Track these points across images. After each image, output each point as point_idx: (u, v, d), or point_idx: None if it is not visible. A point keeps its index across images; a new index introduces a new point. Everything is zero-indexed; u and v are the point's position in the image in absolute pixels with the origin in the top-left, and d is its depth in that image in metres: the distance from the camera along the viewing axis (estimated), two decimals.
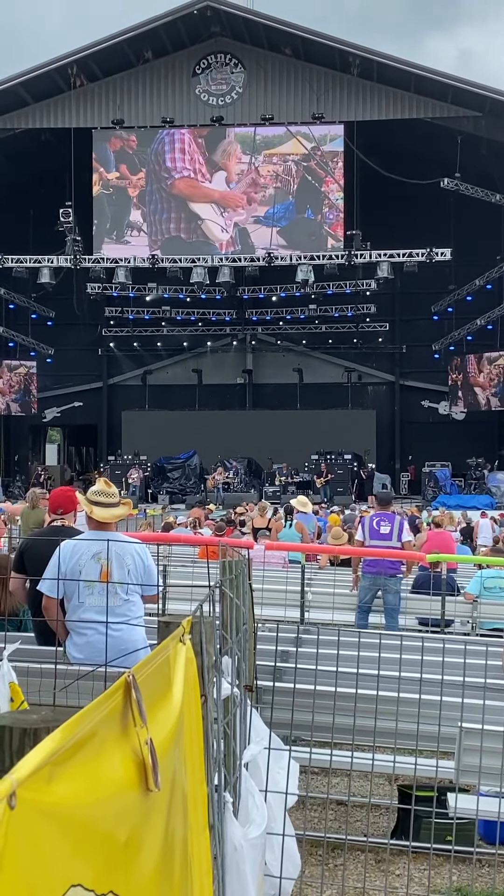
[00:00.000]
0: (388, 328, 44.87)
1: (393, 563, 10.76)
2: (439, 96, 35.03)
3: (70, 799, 1.20)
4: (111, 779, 1.36)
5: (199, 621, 2.27)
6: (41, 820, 1.12)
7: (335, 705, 4.28)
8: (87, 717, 1.28)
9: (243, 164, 38.23)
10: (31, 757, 1.12)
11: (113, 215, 38.97)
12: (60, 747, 1.17)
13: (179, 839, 1.79)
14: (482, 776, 4.42)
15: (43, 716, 1.29)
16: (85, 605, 5.59)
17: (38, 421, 46.85)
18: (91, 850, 1.26)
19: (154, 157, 38.53)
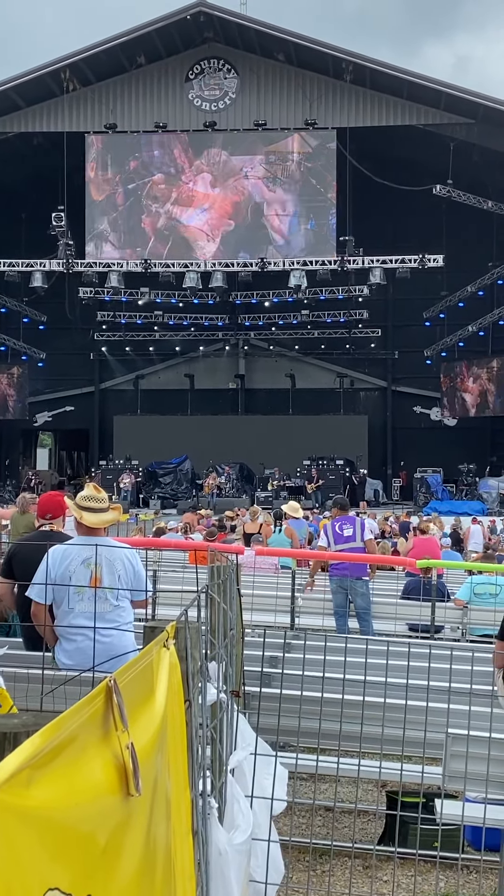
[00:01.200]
0: (380, 334, 44.94)
1: (356, 563, 10.84)
2: (432, 103, 35.13)
3: (49, 803, 1.20)
4: (91, 783, 1.37)
5: (183, 626, 2.27)
6: (19, 823, 1.12)
7: (322, 711, 4.28)
8: (67, 721, 1.29)
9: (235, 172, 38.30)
10: (10, 760, 1.12)
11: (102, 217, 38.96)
12: (40, 751, 1.17)
13: (162, 844, 1.80)
14: (469, 782, 4.43)
15: (24, 720, 1.30)
16: (75, 610, 5.57)
17: (30, 425, 46.77)
18: (70, 853, 1.27)
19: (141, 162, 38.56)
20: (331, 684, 4.35)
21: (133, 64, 37.09)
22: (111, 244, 38.77)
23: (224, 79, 37.50)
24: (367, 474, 41.93)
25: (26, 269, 37.76)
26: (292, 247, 38.06)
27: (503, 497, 36.70)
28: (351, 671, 4.38)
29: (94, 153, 38.41)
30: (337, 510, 12.19)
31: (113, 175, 38.58)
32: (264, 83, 37.21)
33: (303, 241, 38.19)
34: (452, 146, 34.79)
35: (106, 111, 37.71)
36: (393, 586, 13.38)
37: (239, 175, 38.27)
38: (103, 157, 38.52)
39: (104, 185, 38.77)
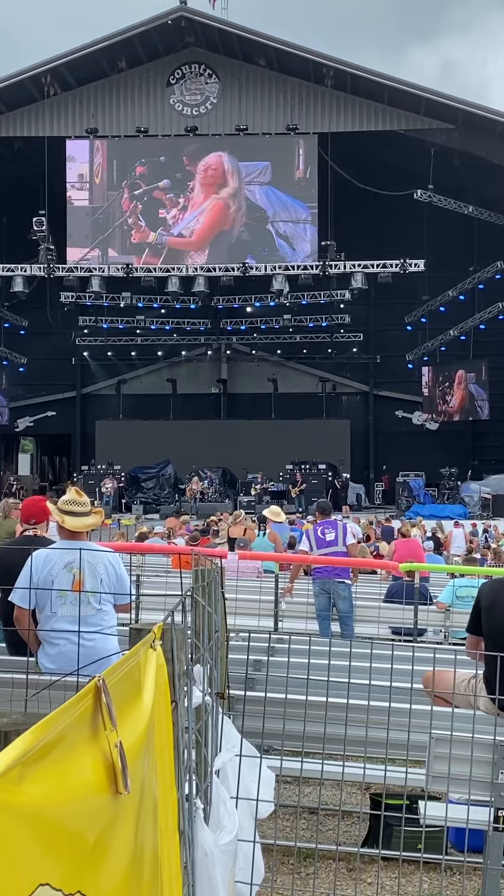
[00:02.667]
0: (362, 338, 45.06)
1: (338, 567, 10.87)
2: (413, 108, 35.27)
3: (40, 799, 1.22)
4: (81, 781, 1.38)
5: (169, 628, 2.29)
6: (10, 819, 1.14)
7: (306, 714, 4.30)
8: (57, 719, 1.30)
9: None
10: (2, 758, 1.14)
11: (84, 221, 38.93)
12: (31, 748, 1.18)
13: (149, 843, 1.81)
14: (452, 783, 4.45)
15: (13, 719, 1.31)
16: (57, 614, 5.57)
17: (11, 430, 46.63)
18: (60, 850, 1.28)
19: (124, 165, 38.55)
20: (315, 687, 4.37)
21: (114, 69, 37.09)
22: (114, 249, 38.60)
23: (205, 84, 37.55)
24: (350, 478, 42.05)
25: (7, 274, 37.68)
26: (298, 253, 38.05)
27: (485, 501, 36.84)
28: (334, 674, 4.40)
29: (99, 158, 38.30)
30: (320, 515, 12.22)
31: (118, 180, 38.48)
32: (245, 88, 37.28)
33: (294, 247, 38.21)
34: (433, 151, 34.94)
35: (87, 116, 37.68)
36: (375, 590, 13.44)
37: (234, 182, 38.27)
38: (109, 160, 38.41)
39: (107, 190, 38.64)
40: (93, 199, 38.80)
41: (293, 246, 38.13)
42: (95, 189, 38.74)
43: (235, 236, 38.41)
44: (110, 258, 38.29)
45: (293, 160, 37.65)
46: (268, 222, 38.28)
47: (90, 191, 38.78)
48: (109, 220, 38.66)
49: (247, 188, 38.30)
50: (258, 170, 38.11)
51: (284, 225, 38.21)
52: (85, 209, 38.84)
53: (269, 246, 38.16)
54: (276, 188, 38.10)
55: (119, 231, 38.76)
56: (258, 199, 38.31)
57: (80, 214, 38.74)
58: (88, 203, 38.86)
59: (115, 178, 38.54)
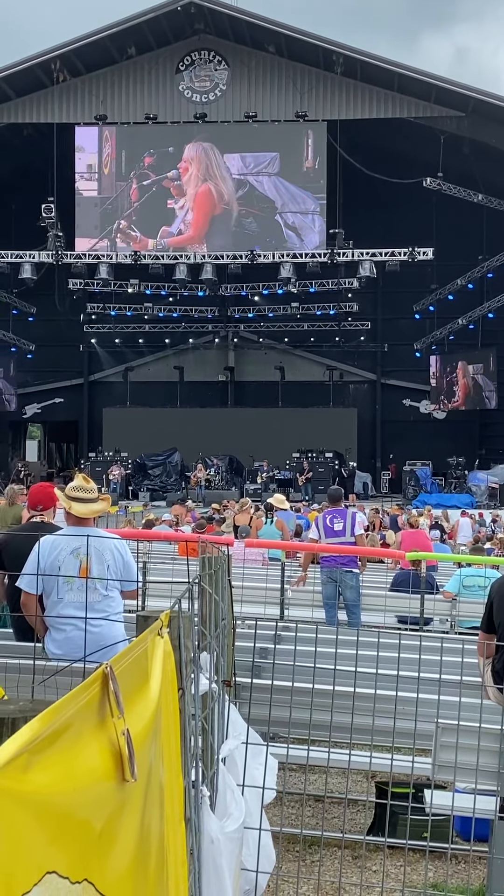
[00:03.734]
0: (369, 327, 44.94)
1: (346, 556, 10.85)
2: (423, 96, 35.12)
3: (47, 787, 1.21)
4: (88, 768, 1.38)
5: (177, 616, 2.28)
6: (17, 807, 1.13)
7: (312, 702, 4.30)
8: (64, 707, 1.30)
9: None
10: (8, 745, 1.13)
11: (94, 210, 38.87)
12: (37, 736, 1.18)
13: (155, 831, 1.81)
14: (458, 772, 4.45)
15: (20, 706, 1.31)
16: (64, 600, 5.58)
17: (19, 417, 46.67)
18: (67, 838, 1.28)
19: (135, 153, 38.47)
20: (321, 675, 4.37)
21: (123, 55, 36.98)
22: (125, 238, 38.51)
23: (214, 70, 37.42)
24: (357, 467, 42.00)
25: (15, 261, 37.65)
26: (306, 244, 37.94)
27: (492, 490, 36.79)
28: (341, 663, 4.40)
29: (108, 148, 38.21)
30: (330, 503, 12.19)
31: (127, 171, 38.40)
32: (255, 75, 37.14)
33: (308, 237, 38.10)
34: (443, 139, 34.79)
35: (96, 102, 37.59)
36: (382, 578, 13.43)
37: (217, 168, 38.18)
38: (118, 151, 38.32)
39: (116, 181, 38.54)
40: (101, 189, 38.72)
41: (301, 237, 38.05)
42: (104, 179, 38.67)
43: (234, 220, 38.32)
44: (118, 248, 38.24)
45: (302, 151, 37.52)
46: (276, 213, 38.19)
47: (99, 181, 38.71)
48: (118, 212, 38.59)
49: (255, 179, 38.18)
50: (266, 160, 37.99)
51: (293, 216, 38.12)
52: (94, 200, 38.78)
53: (278, 237, 38.09)
54: (285, 179, 37.98)
55: (127, 222, 38.69)
56: (266, 190, 38.19)
57: (88, 205, 38.67)
58: (97, 194, 38.80)
59: (123, 169, 38.45)
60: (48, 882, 1.21)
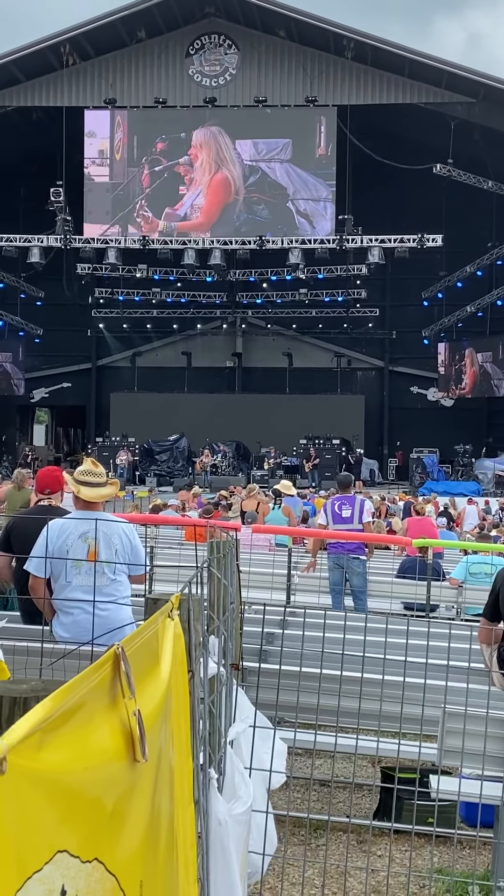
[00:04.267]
0: (378, 314, 44.81)
1: (354, 543, 10.86)
2: (434, 81, 34.94)
3: (59, 766, 1.21)
4: (99, 748, 1.38)
5: (187, 598, 2.28)
6: (30, 786, 1.13)
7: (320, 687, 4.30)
8: (76, 686, 1.30)
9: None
10: (22, 724, 1.13)
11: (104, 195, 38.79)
12: (50, 715, 1.18)
13: (165, 811, 1.81)
14: (464, 758, 4.46)
15: (32, 685, 1.31)
16: (72, 584, 5.60)
17: (26, 401, 46.71)
18: (78, 817, 1.28)
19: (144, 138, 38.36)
20: (328, 660, 4.37)
21: (133, 38, 36.83)
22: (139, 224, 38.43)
23: (224, 54, 37.26)
24: (364, 454, 41.96)
25: (24, 245, 37.62)
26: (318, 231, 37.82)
27: (499, 478, 36.76)
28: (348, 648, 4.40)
29: (120, 133, 38.09)
30: (339, 489, 12.18)
31: (139, 156, 38.29)
32: (265, 59, 36.98)
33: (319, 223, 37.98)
34: (453, 125, 34.62)
35: (106, 86, 37.47)
36: (389, 565, 13.45)
37: (229, 154, 38.06)
38: (130, 136, 38.20)
39: (128, 166, 38.43)
40: (113, 175, 38.62)
41: (313, 224, 37.95)
42: (116, 165, 38.55)
43: (244, 207, 38.21)
44: (129, 234, 38.18)
45: (314, 137, 37.37)
46: (288, 200, 38.08)
47: (110, 167, 38.60)
48: (129, 197, 38.50)
49: (267, 165, 38.05)
50: (279, 147, 37.85)
51: (305, 203, 38.00)
52: (105, 185, 38.68)
53: (289, 224, 37.97)
54: (297, 166, 37.84)
55: (139, 207, 38.60)
56: (278, 176, 38.07)
57: (100, 191, 38.59)
58: (109, 179, 38.69)
59: (135, 155, 38.35)
60: (59, 861, 1.21)
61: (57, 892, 1.20)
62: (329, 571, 10.98)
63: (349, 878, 4.84)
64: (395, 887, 4.88)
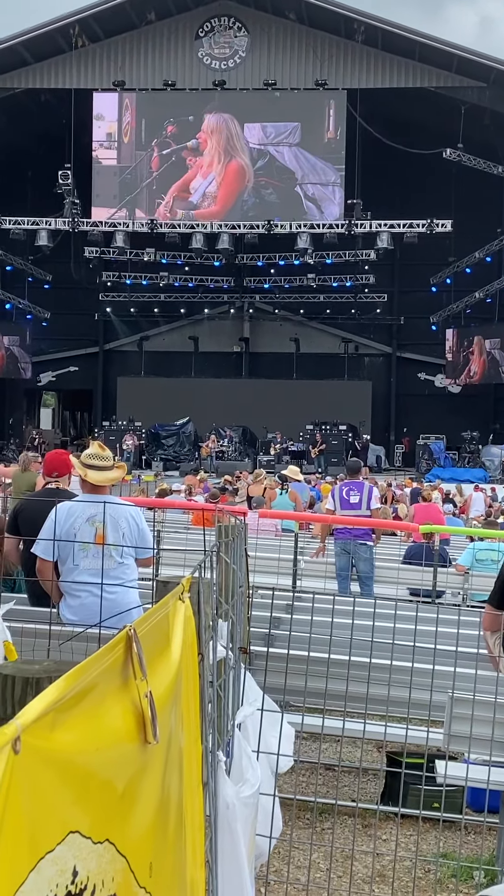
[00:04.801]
0: (386, 299, 44.70)
1: (361, 528, 10.86)
2: (444, 66, 34.76)
3: (72, 747, 1.21)
4: (111, 729, 1.37)
5: (197, 581, 2.27)
6: (43, 766, 1.13)
7: (328, 671, 4.30)
8: (89, 668, 1.29)
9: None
10: (36, 704, 1.12)
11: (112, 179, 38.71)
12: (63, 696, 1.17)
13: (175, 793, 1.81)
14: (471, 744, 4.46)
15: (45, 666, 1.30)
16: (79, 567, 5.60)
17: (33, 385, 46.72)
18: (90, 798, 1.28)
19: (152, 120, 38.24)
20: (336, 645, 4.37)
21: (143, 20, 36.68)
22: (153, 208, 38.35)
23: (234, 37, 37.10)
24: (370, 440, 41.92)
25: (32, 228, 37.57)
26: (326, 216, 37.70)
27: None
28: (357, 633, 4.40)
29: (128, 116, 37.97)
30: (347, 475, 12.18)
31: (147, 140, 38.16)
32: (275, 42, 36.82)
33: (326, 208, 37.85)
34: (464, 110, 34.47)
35: (115, 68, 37.34)
36: (395, 551, 13.45)
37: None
38: (138, 119, 38.07)
39: (135, 150, 38.31)
40: (121, 158, 38.52)
41: (321, 209, 37.82)
42: (124, 148, 38.46)
43: (253, 191, 38.10)
44: (137, 218, 38.09)
45: (323, 121, 37.20)
46: (296, 184, 37.94)
47: (118, 150, 38.50)
48: (137, 181, 38.40)
49: (275, 149, 37.91)
50: (287, 130, 37.69)
51: (313, 187, 37.88)
52: (112, 168, 38.60)
53: (297, 208, 37.85)
54: (305, 150, 37.68)
55: (147, 191, 38.49)
56: (287, 160, 37.93)
57: (108, 174, 38.51)
58: (116, 162, 38.60)
59: (143, 138, 38.22)
60: (71, 842, 1.21)
61: (69, 873, 1.19)
62: (336, 557, 11.00)
63: (355, 862, 4.85)
64: (400, 871, 4.90)
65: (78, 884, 1.23)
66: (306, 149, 37.68)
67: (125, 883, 1.40)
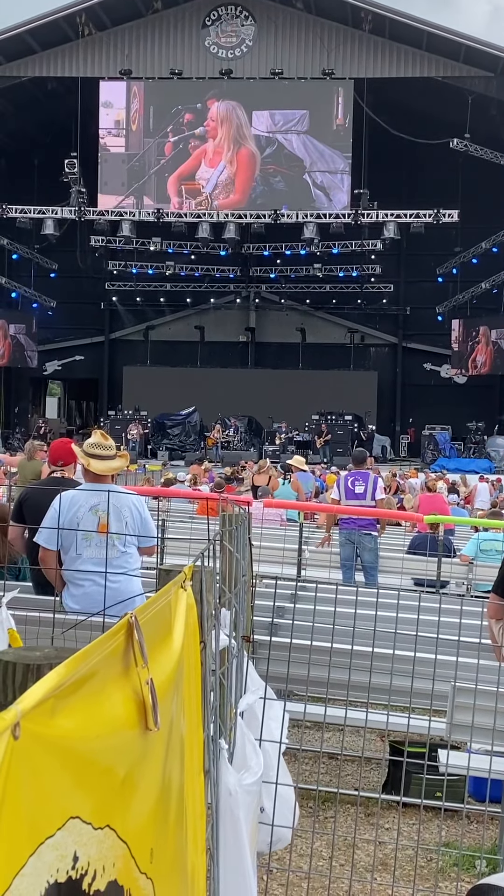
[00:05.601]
0: (392, 289, 44.61)
1: (366, 518, 10.87)
2: (451, 55, 34.62)
3: (72, 733, 1.21)
4: (112, 716, 1.38)
5: (199, 570, 2.28)
6: (43, 752, 1.13)
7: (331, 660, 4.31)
8: (89, 654, 1.30)
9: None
10: (36, 689, 1.13)
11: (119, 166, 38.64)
12: (64, 682, 1.18)
13: (176, 781, 1.82)
14: (473, 733, 4.47)
15: (46, 653, 1.31)
16: (82, 556, 5.61)
17: (39, 374, 46.73)
18: (90, 784, 1.28)
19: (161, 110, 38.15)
20: (338, 634, 4.38)
21: (149, 9, 36.58)
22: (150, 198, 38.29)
23: (241, 26, 36.96)
24: (376, 430, 41.92)
25: (38, 216, 37.53)
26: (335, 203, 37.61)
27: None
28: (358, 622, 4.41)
29: (136, 104, 37.89)
30: (353, 464, 12.20)
31: (154, 127, 38.08)
32: (282, 31, 36.68)
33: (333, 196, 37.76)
34: (471, 99, 34.34)
35: (121, 56, 37.23)
36: (400, 541, 13.46)
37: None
38: (145, 107, 37.99)
39: (143, 137, 38.23)
40: (129, 146, 38.44)
41: (330, 196, 37.73)
42: (132, 136, 38.36)
43: (262, 179, 38.03)
44: (145, 206, 38.03)
45: (332, 109, 37.06)
46: (305, 172, 37.84)
47: (126, 137, 38.41)
48: (145, 168, 38.33)
49: (283, 137, 37.81)
50: (295, 118, 37.57)
51: (321, 175, 37.78)
52: (121, 156, 38.50)
53: (306, 196, 37.76)
54: (314, 137, 37.57)
55: (156, 178, 38.42)
56: (295, 148, 37.82)
57: (115, 161, 38.41)
58: (125, 150, 38.51)
59: (151, 125, 38.14)
60: (71, 827, 1.22)
61: (69, 858, 1.20)
62: (340, 547, 11.02)
63: (357, 851, 4.87)
64: (402, 860, 4.91)
65: (78, 869, 1.24)
66: (315, 136, 37.56)
67: (126, 868, 1.41)
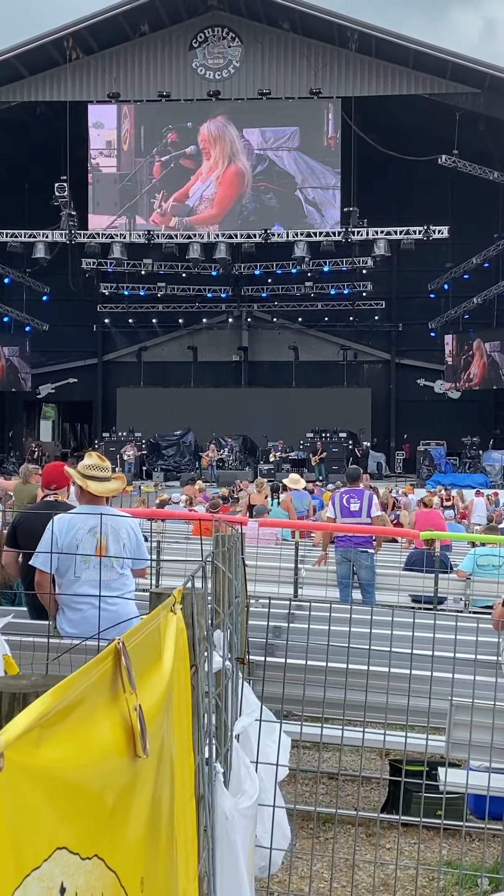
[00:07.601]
0: (384, 306, 44.73)
1: (362, 536, 10.85)
2: (438, 72, 34.81)
3: (58, 762, 1.20)
4: (99, 744, 1.37)
5: (190, 592, 2.27)
6: (28, 782, 1.12)
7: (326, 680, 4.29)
8: (76, 682, 1.29)
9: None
10: (20, 719, 1.12)
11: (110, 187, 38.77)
12: (49, 710, 1.17)
13: (166, 807, 1.80)
14: (472, 750, 4.45)
15: (32, 681, 1.30)
16: (81, 579, 5.58)
17: (33, 397, 46.73)
18: (77, 814, 1.27)
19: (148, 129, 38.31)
20: (334, 653, 4.36)
21: (137, 32, 36.77)
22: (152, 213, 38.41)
23: (228, 47, 37.16)
24: (371, 447, 41.91)
25: (29, 240, 37.60)
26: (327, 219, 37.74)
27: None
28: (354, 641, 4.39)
29: (127, 124, 38.07)
30: (347, 482, 12.18)
31: (146, 147, 38.23)
32: (269, 52, 36.88)
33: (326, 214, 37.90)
34: (458, 116, 34.49)
35: (109, 80, 37.41)
36: (396, 558, 13.44)
37: (239, 146, 38.02)
38: (136, 127, 38.15)
39: (135, 157, 38.36)
40: (121, 165, 38.58)
41: (322, 212, 37.87)
42: (123, 156, 38.51)
43: (248, 196, 38.17)
44: (138, 225, 38.14)
45: (322, 125, 37.25)
46: (296, 189, 37.99)
47: (118, 157, 38.56)
48: (137, 188, 38.47)
49: (274, 154, 37.97)
50: (286, 135, 37.75)
51: (313, 191, 37.91)
52: (112, 176, 38.63)
53: (298, 213, 37.89)
54: (305, 154, 37.74)
55: (147, 198, 38.55)
56: (286, 165, 37.97)
57: (107, 181, 38.54)
58: (116, 170, 38.65)
59: (142, 145, 38.30)
60: (58, 858, 1.20)
61: (56, 890, 1.19)
62: (337, 565, 11.00)
63: (358, 872, 4.83)
64: (404, 880, 4.88)
65: None
66: (305, 153, 37.72)
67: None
